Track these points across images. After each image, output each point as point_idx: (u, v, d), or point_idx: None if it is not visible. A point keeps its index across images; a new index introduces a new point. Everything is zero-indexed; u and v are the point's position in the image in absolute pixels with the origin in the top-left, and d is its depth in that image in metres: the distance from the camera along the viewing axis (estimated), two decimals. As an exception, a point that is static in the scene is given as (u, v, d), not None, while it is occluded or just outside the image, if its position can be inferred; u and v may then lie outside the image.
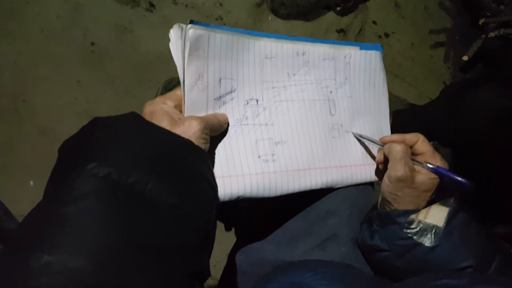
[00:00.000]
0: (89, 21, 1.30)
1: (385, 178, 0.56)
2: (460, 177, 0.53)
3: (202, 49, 0.48)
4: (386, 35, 1.69)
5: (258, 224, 0.69)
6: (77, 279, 0.27)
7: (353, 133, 0.62)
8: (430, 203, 0.54)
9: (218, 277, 0.79)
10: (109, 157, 0.34)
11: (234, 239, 0.79)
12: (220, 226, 1.01)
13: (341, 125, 0.62)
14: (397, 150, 0.54)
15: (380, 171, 0.62)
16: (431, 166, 0.54)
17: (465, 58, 1.73)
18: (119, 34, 1.32)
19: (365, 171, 0.62)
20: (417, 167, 0.55)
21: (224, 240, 1.05)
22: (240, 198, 0.51)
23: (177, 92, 0.49)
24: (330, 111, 0.61)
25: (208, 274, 0.40)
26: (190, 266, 0.36)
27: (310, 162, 0.57)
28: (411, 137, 0.57)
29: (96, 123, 0.39)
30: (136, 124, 0.39)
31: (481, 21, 1.67)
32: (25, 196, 1.09)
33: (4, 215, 0.44)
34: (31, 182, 1.14)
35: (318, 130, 0.59)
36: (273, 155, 0.54)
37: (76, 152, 0.36)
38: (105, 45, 1.30)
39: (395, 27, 1.72)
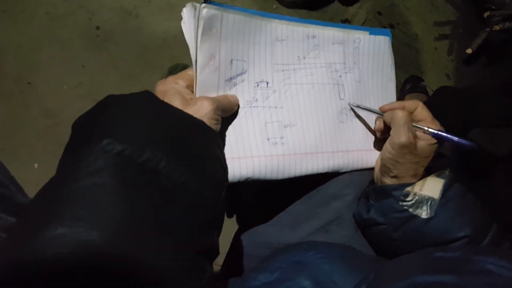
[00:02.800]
0: (94, 5, 1.29)
1: (387, 144, 0.56)
2: (462, 139, 0.54)
3: (215, 29, 0.48)
4: (391, 26, 1.68)
5: (262, 208, 0.70)
6: (90, 252, 0.27)
7: (349, 104, 0.62)
8: (426, 173, 0.55)
9: (220, 262, 0.79)
10: (123, 134, 0.34)
11: (236, 225, 0.80)
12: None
13: (350, 109, 0.62)
14: (399, 116, 0.54)
15: (379, 141, 0.63)
16: (433, 130, 0.54)
17: (469, 51, 1.73)
18: (124, 18, 1.32)
19: (371, 157, 0.63)
20: (418, 134, 0.55)
21: (225, 225, 1.05)
22: (249, 179, 0.52)
23: (188, 72, 0.49)
24: (339, 95, 0.61)
25: (217, 253, 0.41)
26: (200, 243, 0.36)
27: (318, 146, 0.57)
28: (410, 104, 0.57)
29: (110, 100, 0.39)
30: (150, 102, 0.40)
31: (485, 14, 1.67)
32: (29, 179, 1.09)
33: (14, 188, 0.45)
34: (36, 165, 1.15)
35: (327, 114, 0.59)
36: (281, 138, 0.54)
37: (90, 128, 0.36)
38: (110, 29, 1.30)
39: (400, 18, 1.71)
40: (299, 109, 0.57)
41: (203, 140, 0.41)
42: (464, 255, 0.39)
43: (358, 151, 0.61)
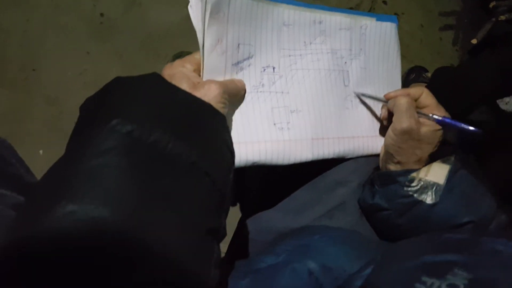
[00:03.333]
0: (99, -8, 1.29)
1: (389, 130, 0.56)
2: (467, 125, 0.54)
3: (222, 12, 0.48)
4: (396, 15, 1.67)
5: (267, 194, 0.70)
6: (100, 228, 0.28)
7: (355, 92, 0.62)
8: (431, 160, 0.55)
9: (225, 250, 0.80)
10: (131, 115, 0.34)
11: (240, 213, 0.80)
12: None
13: (354, 96, 0.62)
14: (401, 103, 0.55)
15: (384, 128, 0.63)
16: (436, 117, 0.54)
17: (474, 41, 1.72)
18: (128, 6, 1.32)
19: (377, 143, 0.63)
20: (422, 120, 0.55)
21: (230, 215, 1.05)
22: (255, 164, 0.52)
23: (195, 56, 0.49)
24: (344, 82, 0.61)
25: (224, 234, 0.41)
26: (208, 223, 0.36)
27: (323, 132, 0.57)
28: (415, 90, 0.57)
29: (118, 81, 0.39)
30: (158, 84, 0.40)
31: (491, 4, 1.65)
32: (35, 165, 1.09)
33: (22, 168, 0.45)
34: (41, 151, 1.15)
35: (332, 101, 0.59)
36: (288, 123, 0.55)
37: (99, 109, 0.36)
38: (114, 17, 1.29)
39: (404, 8, 1.70)
40: (305, 94, 0.57)
41: (211, 122, 0.41)
42: (473, 237, 0.39)
43: (364, 137, 0.62)
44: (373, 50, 0.64)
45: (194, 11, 0.48)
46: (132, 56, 1.29)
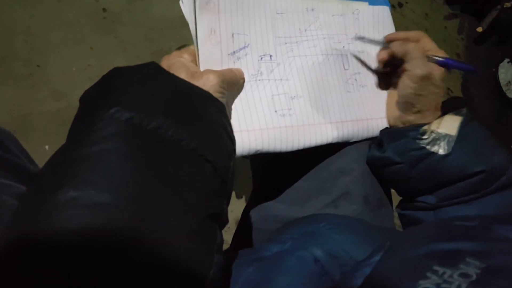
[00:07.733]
0: (101, -13, 1.29)
1: (406, 80, 0.56)
2: (467, 65, 0.55)
3: (213, 3, 0.48)
4: (400, 4, 1.66)
5: (269, 187, 0.70)
6: (102, 213, 0.28)
7: (355, 36, 0.63)
8: (443, 113, 0.56)
9: (229, 240, 0.80)
10: (131, 102, 0.34)
11: (242, 206, 0.80)
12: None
13: (355, 79, 0.62)
14: (415, 49, 0.55)
15: (382, 76, 0.64)
16: (439, 58, 0.55)
17: (479, 29, 1.71)
18: (131, 0, 1.32)
19: (381, 124, 0.63)
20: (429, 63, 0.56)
21: (235, 207, 1.06)
22: (258, 152, 0.52)
23: (192, 47, 0.50)
24: (344, 66, 0.61)
25: (226, 221, 0.41)
26: (210, 209, 0.36)
27: (326, 116, 0.57)
28: (413, 34, 0.58)
29: (116, 71, 0.39)
30: (156, 73, 0.40)
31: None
32: (40, 160, 1.09)
33: (27, 160, 0.45)
34: (46, 147, 1.16)
35: (333, 85, 0.60)
36: (289, 109, 0.55)
37: (98, 98, 0.36)
38: (117, 11, 1.30)
39: (409, -3, 1.69)
40: (305, 80, 0.57)
41: (210, 110, 0.41)
42: (483, 224, 0.39)
43: (367, 119, 0.62)
44: (368, 33, 0.64)
45: (185, 3, 0.48)
46: (135, 50, 1.30)
